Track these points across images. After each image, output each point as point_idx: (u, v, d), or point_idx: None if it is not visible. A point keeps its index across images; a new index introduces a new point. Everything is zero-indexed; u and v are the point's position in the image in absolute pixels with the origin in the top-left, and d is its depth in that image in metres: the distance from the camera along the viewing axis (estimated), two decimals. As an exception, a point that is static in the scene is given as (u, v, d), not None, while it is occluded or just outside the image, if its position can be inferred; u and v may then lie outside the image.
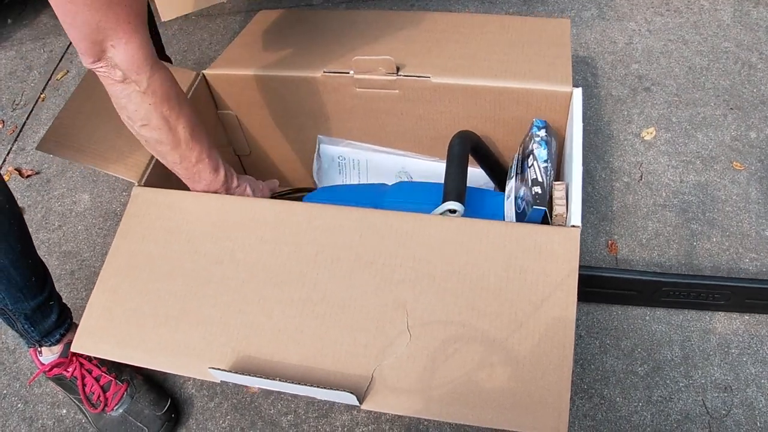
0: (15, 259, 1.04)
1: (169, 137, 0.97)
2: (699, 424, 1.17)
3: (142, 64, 0.89)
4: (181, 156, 1.00)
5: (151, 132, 0.96)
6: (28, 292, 1.10)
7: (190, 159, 1.01)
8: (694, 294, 1.25)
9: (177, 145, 0.98)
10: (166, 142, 0.97)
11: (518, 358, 0.83)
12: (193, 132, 0.99)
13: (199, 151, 1.01)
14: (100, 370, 1.26)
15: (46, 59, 2.08)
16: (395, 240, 0.94)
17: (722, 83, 1.64)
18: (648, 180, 1.49)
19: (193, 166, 1.02)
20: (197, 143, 1.01)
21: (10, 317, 1.13)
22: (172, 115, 0.95)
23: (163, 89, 0.92)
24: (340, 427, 1.25)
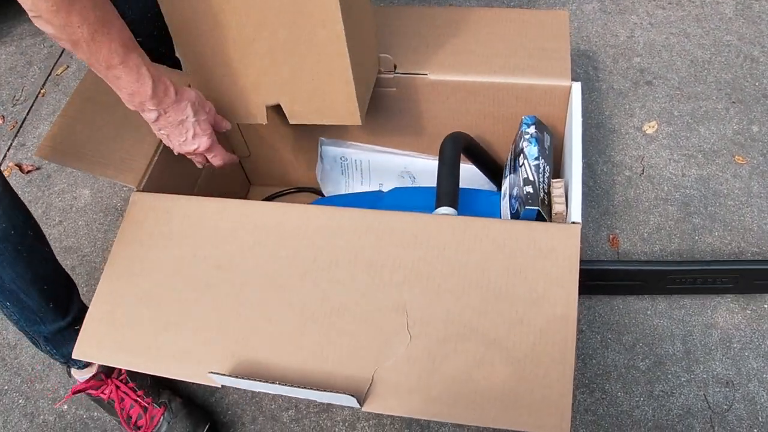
0: (25, 287, 1.02)
1: (64, 34, 0.81)
2: (700, 419, 1.17)
3: None
4: (87, 58, 0.86)
5: (44, 25, 0.80)
6: (44, 317, 1.08)
7: (98, 62, 0.87)
8: (701, 279, 1.25)
9: (76, 45, 0.83)
10: (64, 39, 0.82)
11: (519, 356, 0.83)
12: (97, 32, 0.83)
13: (107, 55, 0.86)
14: (136, 395, 1.24)
15: (46, 54, 2.07)
16: (394, 241, 0.93)
17: (724, 77, 1.63)
18: (650, 174, 1.49)
19: (106, 71, 0.89)
20: (101, 44, 0.85)
21: (32, 338, 1.13)
22: (62, 8, 0.78)
23: None
24: (341, 421, 1.25)
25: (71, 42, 0.82)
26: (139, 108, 0.95)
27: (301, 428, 1.25)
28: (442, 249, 0.91)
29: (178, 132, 1.01)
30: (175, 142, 1.03)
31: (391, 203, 1.14)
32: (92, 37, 0.82)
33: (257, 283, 0.94)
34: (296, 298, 0.92)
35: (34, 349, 1.43)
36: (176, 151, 1.05)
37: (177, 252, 1.00)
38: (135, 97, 0.92)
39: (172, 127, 0.99)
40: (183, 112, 0.98)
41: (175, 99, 0.96)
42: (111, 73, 0.88)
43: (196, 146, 1.03)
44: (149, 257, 1.00)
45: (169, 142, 1.04)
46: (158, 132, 1.01)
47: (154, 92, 0.92)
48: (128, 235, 1.03)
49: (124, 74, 0.88)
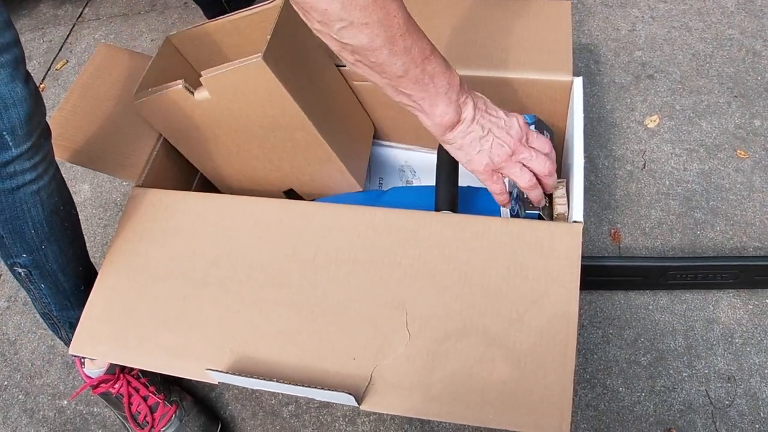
0: (65, 264, 1.02)
1: (381, 31, 0.72)
2: (702, 415, 1.17)
3: None
4: (404, 57, 0.75)
5: (357, 33, 0.71)
6: (75, 301, 1.08)
7: (413, 59, 0.76)
8: (702, 275, 1.24)
9: (392, 40, 0.73)
10: (381, 38, 0.72)
11: (519, 356, 0.82)
12: (408, 18, 0.74)
13: (423, 44, 0.77)
14: (147, 390, 1.23)
15: (46, 49, 2.06)
16: (394, 238, 0.93)
17: (726, 70, 1.62)
18: (651, 168, 1.48)
19: (422, 66, 0.77)
20: (415, 27, 0.76)
21: (56, 324, 1.12)
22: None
23: None
24: (341, 416, 1.25)
25: (387, 38, 0.72)
26: (457, 109, 0.84)
27: (302, 423, 1.25)
28: (442, 247, 0.91)
29: (493, 117, 0.88)
30: (502, 135, 0.88)
31: (391, 202, 1.13)
32: (406, 30, 0.74)
33: (256, 280, 0.94)
34: (295, 295, 0.91)
35: (34, 345, 1.43)
36: (514, 149, 0.89)
37: (176, 248, 0.99)
38: (451, 90, 0.82)
39: (486, 113, 0.87)
40: (478, 95, 0.88)
41: (465, 83, 0.86)
42: (427, 67, 0.78)
43: (515, 120, 0.89)
44: (148, 253, 1.00)
45: (499, 147, 0.88)
46: (482, 138, 0.88)
47: (460, 78, 0.83)
48: (127, 231, 1.03)
49: (436, 64, 0.79)
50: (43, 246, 0.97)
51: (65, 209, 1.00)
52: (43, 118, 0.90)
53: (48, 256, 0.99)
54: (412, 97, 0.81)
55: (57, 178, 0.96)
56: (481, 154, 0.88)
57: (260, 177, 1.18)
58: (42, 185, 0.92)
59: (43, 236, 0.96)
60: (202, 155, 1.16)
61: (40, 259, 0.98)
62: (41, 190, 0.92)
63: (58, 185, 0.97)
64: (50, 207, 0.95)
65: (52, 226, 0.97)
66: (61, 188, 0.98)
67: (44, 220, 0.95)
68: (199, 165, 1.19)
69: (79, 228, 1.06)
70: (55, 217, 0.97)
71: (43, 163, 0.90)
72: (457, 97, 0.83)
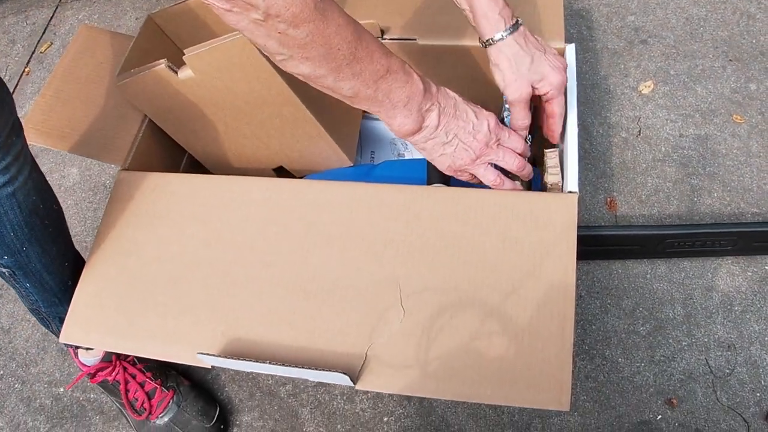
0: (49, 263, 0.99)
1: (324, 63, 0.73)
2: (702, 384, 1.17)
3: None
4: (353, 81, 0.76)
5: (297, 66, 0.73)
6: (63, 297, 1.05)
7: (364, 82, 0.77)
8: (699, 243, 1.23)
9: (338, 69, 0.74)
10: (324, 69, 0.74)
11: (516, 329, 0.81)
12: (358, 48, 0.74)
13: (374, 68, 0.77)
14: (144, 376, 1.22)
15: (29, 32, 2.03)
16: (386, 214, 0.91)
17: (720, 34, 1.59)
18: (646, 135, 1.46)
19: (375, 87, 0.78)
20: (366, 51, 0.75)
21: (45, 318, 1.10)
22: (317, 36, 0.70)
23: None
24: (339, 395, 1.24)
25: (334, 69, 0.74)
26: (418, 118, 0.84)
27: (299, 403, 1.24)
28: (435, 221, 0.89)
29: (461, 122, 0.88)
30: (468, 140, 0.89)
31: (382, 176, 1.12)
32: (354, 56, 0.74)
33: (247, 260, 0.92)
34: (287, 274, 0.90)
35: (29, 333, 1.42)
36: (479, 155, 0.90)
37: (164, 230, 0.98)
38: (412, 102, 0.82)
39: (453, 119, 0.87)
40: (449, 95, 0.87)
41: (435, 86, 0.86)
42: (381, 86, 0.78)
43: (485, 124, 0.89)
44: (136, 237, 0.98)
45: (463, 152, 0.89)
46: (445, 144, 0.88)
47: (425, 87, 0.83)
48: (114, 215, 1.02)
49: (393, 81, 0.79)
50: (24, 248, 0.94)
51: (45, 207, 0.96)
52: (12, 115, 0.86)
53: (30, 256, 0.96)
54: (368, 109, 0.82)
55: (34, 176, 0.92)
56: (444, 158, 0.90)
57: (249, 155, 1.16)
58: (17, 186, 0.88)
59: (24, 238, 0.93)
60: (189, 135, 1.14)
61: (22, 260, 0.96)
62: (17, 192, 0.88)
63: (35, 184, 0.93)
64: (28, 208, 0.91)
65: (32, 227, 0.93)
66: (40, 186, 0.94)
67: (23, 221, 0.91)
68: (186, 145, 1.17)
69: (62, 224, 1.03)
70: (34, 217, 0.93)
71: (15, 164, 0.86)
72: (420, 106, 0.83)
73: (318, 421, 1.22)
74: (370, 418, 1.21)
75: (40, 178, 0.95)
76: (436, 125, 0.86)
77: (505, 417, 1.18)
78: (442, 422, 1.19)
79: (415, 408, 1.21)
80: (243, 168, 1.19)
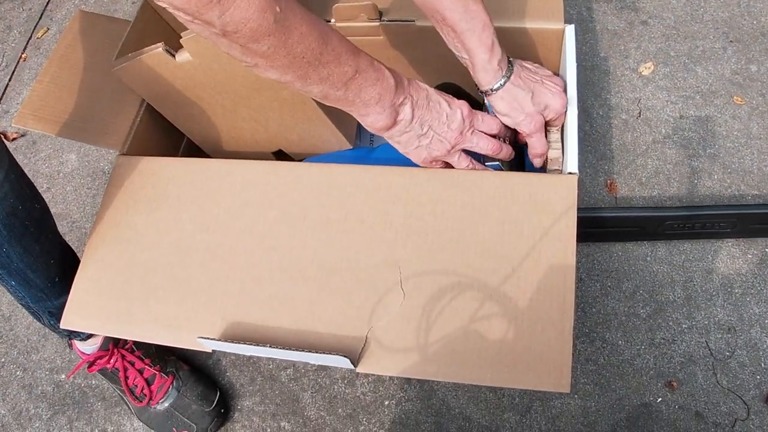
0: (32, 262, 0.99)
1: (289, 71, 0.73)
2: (702, 366, 1.17)
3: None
4: (321, 85, 0.77)
5: (264, 72, 0.74)
6: (50, 293, 1.05)
7: (334, 85, 0.77)
8: (700, 225, 1.23)
9: (304, 75, 0.74)
10: (290, 75, 0.74)
11: (516, 312, 0.81)
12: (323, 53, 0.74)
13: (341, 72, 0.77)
14: (143, 363, 1.22)
15: (26, 18, 2.02)
16: (385, 197, 0.91)
17: (721, 15, 1.58)
18: (647, 116, 1.45)
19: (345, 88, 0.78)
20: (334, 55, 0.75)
21: (35, 312, 1.10)
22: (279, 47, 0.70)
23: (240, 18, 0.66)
24: (339, 379, 1.24)
25: (300, 76, 0.74)
26: (392, 113, 0.84)
27: (300, 387, 1.25)
28: (434, 204, 0.89)
29: (435, 113, 0.88)
30: (442, 131, 0.89)
31: (381, 158, 1.11)
32: (319, 61, 0.74)
33: (246, 244, 0.92)
34: (286, 258, 0.90)
35: (29, 320, 1.42)
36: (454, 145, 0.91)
37: (163, 215, 0.97)
38: (384, 98, 0.81)
39: (426, 110, 0.87)
40: (420, 87, 0.87)
41: (407, 79, 0.85)
42: (350, 86, 0.78)
43: (459, 112, 0.89)
44: (135, 222, 0.98)
45: (438, 143, 0.89)
46: (421, 136, 0.89)
47: (396, 81, 0.82)
48: (113, 200, 1.01)
49: (363, 81, 0.79)
50: (4, 249, 0.93)
51: (25, 208, 0.95)
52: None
53: (12, 257, 0.95)
54: (341, 108, 0.83)
55: (11, 177, 0.91)
56: (419, 150, 0.90)
57: (248, 139, 1.15)
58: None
59: (3, 240, 0.92)
60: (187, 119, 1.13)
61: (3, 261, 0.95)
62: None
63: (12, 185, 0.91)
64: (6, 210, 0.90)
65: (11, 229, 0.92)
66: (18, 187, 0.93)
67: (1, 224, 0.90)
68: (185, 129, 1.17)
69: (46, 222, 1.02)
70: (13, 218, 0.92)
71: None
72: (392, 102, 0.83)
73: (319, 405, 1.23)
74: (371, 401, 1.22)
75: (19, 179, 0.94)
76: (411, 118, 0.86)
77: (506, 400, 1.19)
78: (442, 405, 1.19)
79: (415, 391, 1.21)
80: (242, 152, 1.19)
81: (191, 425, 1.20)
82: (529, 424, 1.16)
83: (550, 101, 0.94)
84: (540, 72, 0.96)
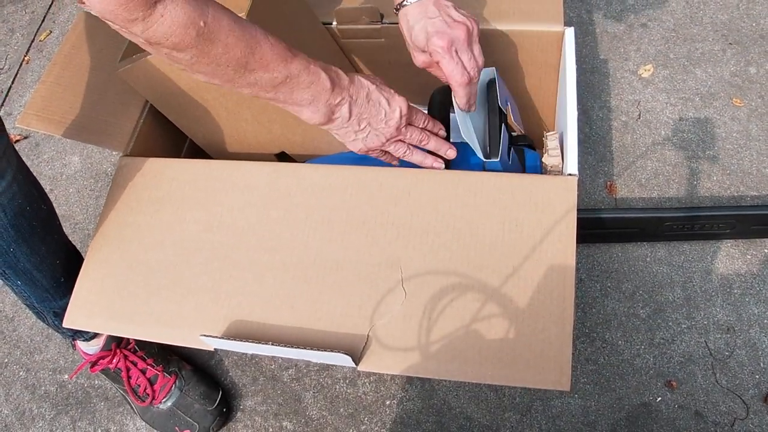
0: (38, 262, 1.00)
1: (216, 78, 0.76)
2: (702, 366, 1.17)
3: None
4: (250, 89, 0.79)
5: (194, 75, 0.76)
6: (56, 293, 1.06)
7: (263, 89, 0.80)
8: (699, 226, 1.24)
9: (231, 80, 0.77)
10: (218, 80, 0.77)
11: (517, 312, 0.82)
12: (249, 62, 0.76)
13: (269, 79, 0.78)
14: (145, 363, 1.23)
15: (29, 20, 2.03)
16: (386, 197, 0.91)
17: (720, 17, 1.59)
18: (646, 118, 1.46)
19: (274, 92, 0.80)
20: (257, 71, 0.77)
21: (39, 313, 1.11)
22: (202, 57, 0.72)
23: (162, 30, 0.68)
24: (341, 378, 1.25)
25: (227, 80, 0.77)
26: (327, 112, 0.85)
27: (302, 387, 1.25)
28: (435, 204, 0.90)
29: (374, 110, 0.89)
30: (380, 127, 0.90)
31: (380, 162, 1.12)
32: (246, 69, 0.76)
33: (248, 244, 0.93)
34: (288, 257, 0.90)
35: (32, 321, 1.42)
36: (389, 138, 0.92)
37: (166, 216, 0.98)
38: (318, 100, 0.83)
39: (365, 108, 0.88)
40: (362, 86, 0.88)
41: (348, 78, 0.86)
42: (280, 89, 0.80)
43: (397, 110, 0.90)
44: (138, 222, 0.99)
45: (374, 137, 0.91)
46: (357, 131, 0.90)
47: (332, 82, 0.83)
48: (116, 201, 1.02)
49: (293, 86, 0.81)
50: (12, 249, 0.94)
51: (32, 208, 0.96)
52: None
53: (19, 257, 0.96)
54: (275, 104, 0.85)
55: (19, 178, 0.92)
56: (356, 142, 0.92)
57: (251, 140, 1.16)
58: (0, 191, 0.88)
59: (10, 240, 0.93)
60: (190, 121, 1.14)
61: (10, 261, 0.96)
62: (1, 196, 0.88)
63: (20, 186, 0.92)
64: (14, 210, 0.91)
65: (18, 229, 0.93)
66: (26, 187, 0.94)
67: (9, 224, 0.91)
68: (188, 131, 1.17)
69: (52, 222, 1.03)
70: (21, 219, 0.93)
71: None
72: (327, 102, 0.84)
73: (321, 405, 1.23)
74: (373, 401, 1.22)
75: (26, 180, 0.95)
76: (348, 117, 0.87)
77: (506, 399, 1.19)
78: (443, 405, 1.20)
79: (417, 391, 1.22)
80: (244, 153, 1.19)
81: (194, 424, 1.20)
82: (530, 423, 1.17)
83: (457, 18, 0.91)
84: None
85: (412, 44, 0.95)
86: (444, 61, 0.90)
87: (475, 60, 0.92)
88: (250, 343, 0.83)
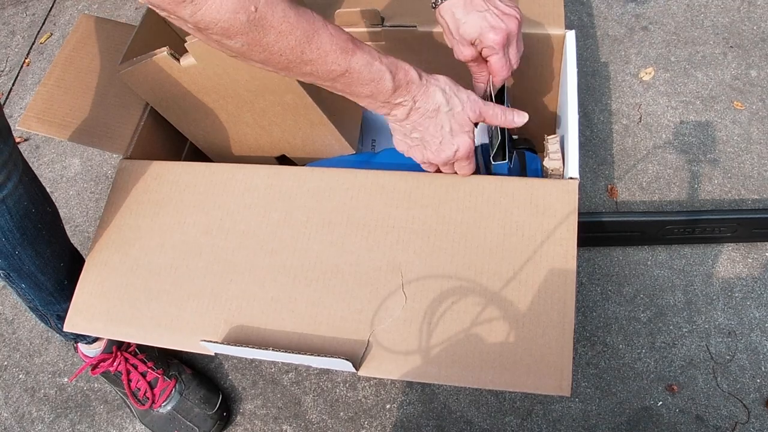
0: (43, 265, 0.99)
1: (270, 66, 0.74)
2: (703, 370, 1.17)
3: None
4: (308, 78, 0.78)
5: (248, 60, 0.74)
6: (59, 296, 1.06)
7: (320, 79, 0.78)
8: (700, 229, 1.23)
9: (287, 68, 0.75)
10: (272, 67, 0.75)
11: (517, 315, 0.81)
12: (304, 52, 0.73)
13: (326, 70, 0.76)
14: (146, 366, 1.22)
15: (29, 23, 2.03)
16: (387, 200, 0.91)
17: (721, 20, 1.59)
18: (647, 122, 1.46)
19: (332, 84, 0.79)
20: (315, 62, 0.75)
21: (43, 316, 1.11)
22: (255, 46, 0.71)
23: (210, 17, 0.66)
24: (341, 382, 1.25)
25: (282, 68, 0.74)
26: (385, 107, 0.82)
27: (302, 390, 1.25)
28: (436, 207, 0.90)
29: (433, 129, 0.84)
30: (432, 146, 0.86)
31: (383, 164, 1.12)
32: (301, 59, 0.73)
33: (248, 248, 0.93)
34: (288, 261, 0.90)
35: (32, 323, 1.42)
36: (431, 161, 0.89)
37: (166, 219, 0.98)
38: (376, 98, 0.80)
39: (425, 120, 0.84)
40: (433, 99, 0.83)
41: (420, 82, 0.81)
42: (339, 81, 0.78)
43: (455, 148, 0.86)
44: (138, 225, 0.99)
45: (418, 152, 0.89)
46: (406, 136, 0.88)
47: (396, 84, 0.79)
48: (116, 204, 1.02)
49: (352, 80, 0.78)
50: (17, 251, 0.94)
51: (38, 211, 0.95)
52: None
53: (23, 259, 0.96)
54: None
55: (24, 180, 0.91)
56: (400, 144, 0.90)
57: (251, 143, 1.16)
58: (7, 193, 0.87)
59: (16, 242, 0.92)
60: (191, 123, 1.14)
61: (15, 263, 0.96)
62: (7, 198, 0.88)
63: (26, 188, 0.92)
64: (20, 213, 0.91)
65: (24, 232, 0.93)
66: (31, 190, 0.94)
67: (14, 227, 0.91)
68: (188, 134, 1.17)
69: (56, 225, 1.03)
70: (26, 221, 0.93)
71: (4, 170, 0.85)
72: (387, 100, 0.81)
73: (321, 409, 1.23)
74: (373, 405, 1.22)
75: (32, 183, 0.95)
76: (402, 119, 0.84)
77: (507, 404, 1.19)
78: (444, 409, 1.20)
79: (417, 395, 1.22)
80: (245, 156, 1.19)
81: (193, 428, 1.20)
82: (530, 427, 1.16)
83: (505, 10, 0.89)
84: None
85: (459, 39, 0.91)
86: (497, 57, 0.89)
87: (517, 53, 0.92)
88: (251, 348, 0.83)
